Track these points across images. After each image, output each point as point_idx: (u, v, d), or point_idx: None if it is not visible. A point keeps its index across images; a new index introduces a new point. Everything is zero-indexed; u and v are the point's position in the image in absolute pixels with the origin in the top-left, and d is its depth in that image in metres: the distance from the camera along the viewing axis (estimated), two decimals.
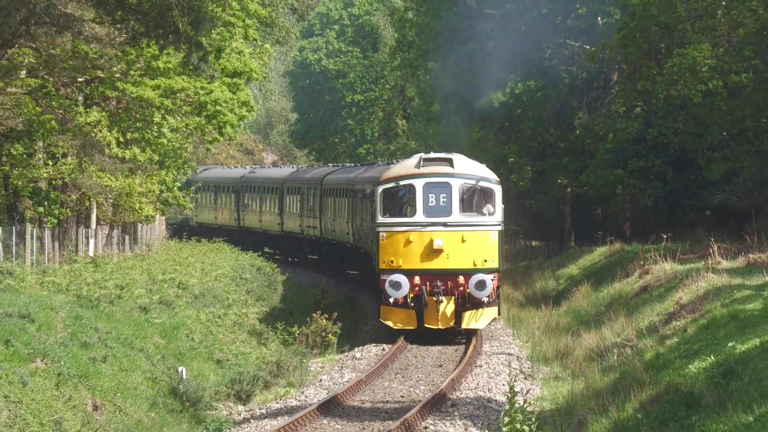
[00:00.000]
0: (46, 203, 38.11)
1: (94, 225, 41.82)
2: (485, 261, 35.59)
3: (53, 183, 38.47)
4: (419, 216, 35.77)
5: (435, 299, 35.35)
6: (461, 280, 35.46)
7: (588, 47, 56.98)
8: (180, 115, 38.55)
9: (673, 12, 45.12)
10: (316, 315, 37.13)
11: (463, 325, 35.85)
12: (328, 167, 61.48)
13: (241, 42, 42.37)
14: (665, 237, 43.90)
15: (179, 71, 36.10)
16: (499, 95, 59.34)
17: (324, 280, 48.11)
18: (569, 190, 62.65)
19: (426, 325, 35.76)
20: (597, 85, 62.55)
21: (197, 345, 31.12)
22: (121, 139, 37.44)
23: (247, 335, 36.18)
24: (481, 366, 32.11)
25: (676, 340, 26.45)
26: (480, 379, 30.04)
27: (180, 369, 27.40)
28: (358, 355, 34.61)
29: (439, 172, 36.16)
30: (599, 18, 60.10)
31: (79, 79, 35.31)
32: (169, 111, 37.06)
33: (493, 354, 34.37)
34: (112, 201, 42.63)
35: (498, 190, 36.23)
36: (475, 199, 36.12)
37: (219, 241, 58.89)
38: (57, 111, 36.11)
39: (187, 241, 57.65)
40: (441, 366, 32.79)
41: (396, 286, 35.13)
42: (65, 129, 35.88)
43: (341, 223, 50.36)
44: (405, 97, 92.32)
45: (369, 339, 38.12)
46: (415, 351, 35.22)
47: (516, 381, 23.12)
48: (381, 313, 36.22)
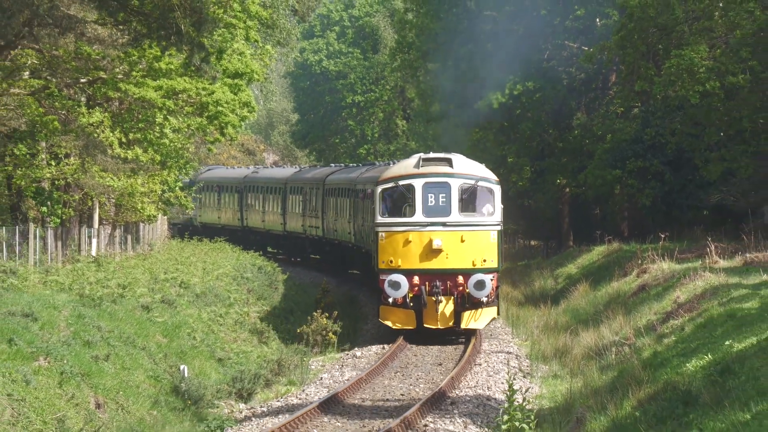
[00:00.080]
0: (49, 203, 38.06)
1: (96, 225, 41.77)
2: (484, 261, 35.35)
3: (56, 183, 38.42)
4: (418, 216, 35.52)
5: (434, 299, 35.10)
6: (460, 280, 35.23)
7: (586, 48, 57.10)
8: (182, 116, 38.39)
9: (671, 13, 45.24)
10: (316, 314, 37.19)
11: (462, 325, 35.63)
12: (330, 167, 61.16)
13: (243, 43, 42.37)
14: (663, 236, 43.91)
15: (181, 72, 36.01)
16: (499, 96, 59.32)
17: (325, 279, 47.99)
18: (568, 190, 62.71)
19: (425, 325, 35.56)
20: (595, 86, 62.50)
21: (199, 344, 31.09)
22: (124, 140, 37.28)
23: (249, 334, 36.07)
24: (481, 364, 32.07)
25: (673, 338, 26.41)
26: (479, 378, 30.04)
27: (182, 367, 27.43)
28: (358, 354, 34.57)
29: (439, 172, 35.92)
30: (597, 19, 60.05)
31: (82, 80, 35.25)
32: (171, 112, 36.91)
33: (493, 352, 34.31)
34: (114, 201, 42.59)
35: (497, 190, 35.96)
36: (475, 199, 35.86)
37: (220, 241, 58.80)
38: (60, 112, 36.09)
39: (189, 241, 57.74)
40: (441, 364, 32.72)
41: (395, 286, 34.89)
42: (68, 129, 35.89)
43: (343, 223, 50.08)
44: (405, 98, 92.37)
45: (369, 338, 38.11)
46: (415, 350, 35.12)
47: (515, 379, 22.97)
48: (380, 313, 35.98)
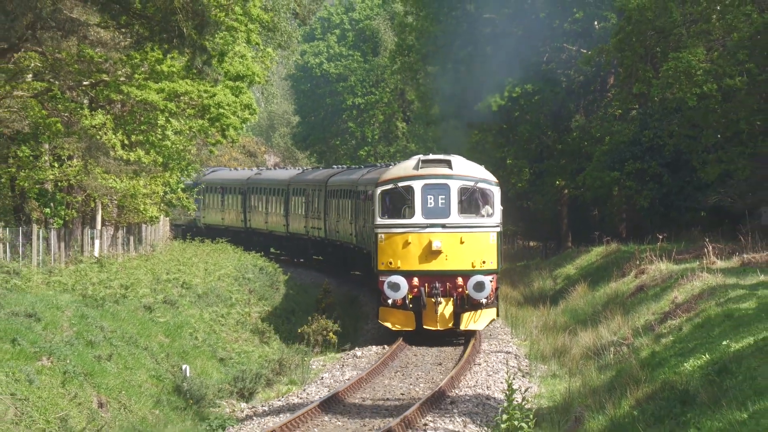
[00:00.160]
0: (52, 204, 38.15)
1: (99, 226, 41.79)
2: (484, 262, 35.16)
3: (59, 185, 38.52)
4: (418, 217, 35.34)
5: (434, 300, 34.92)
6: (460, 281, 35.05)
7: (585, 51, 57.34)
8: (184, 118, 38.28)
9: (669, 16, 45.41)
10: (317, 314, 37.25)
11: (462, 327, 35.41)
12: (332, 169, 61.02)
13: (244, 46, 42.45)
14: (661, 237, 44.04)
15: (183, 75, 35.94)
16: (498, 98, 59.40)
17: (326, 280, 48.07)
18: (566, 191, 62.85)
19: (425, 327, 35.38)
20: (594, 89, 62.58)
21: (201, 343, 31.13)
22: (126, 142, 37.10)
23: (250, 334, 36.06)
24: (480, 364, 32.11)
25: (671, 338, 26.45)
26: (479, 377, 30.09)
27: (184, 367, 27.47)
28: (358, 354, 34.56)
29: (438, 173, 35.75)
30: (596, 22, 60.13)
31: (85, 83, 35.17)
32: (173, 114, 36.81)
33: (492, 352, 34.33)
34: (116, 202, 42.60)
35: (497, 191, 35.79)
36: (474, 201, 35.70)
37: (222, 242, 58.79)
38: (63, 114, 36.08)
39: (191, 242, 57.86)
40: (440, 364, 32.73)
41: (394, 287, 34.71)
42: (71, 132, 35.95)
43: (345, 225, 49.91)
44: (405, 100, 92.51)
45: (370, 338, 38.11)
46: (415, 350, 35.10)
47: (514, 379, 22.86)
48: (380, 315, 35.75)
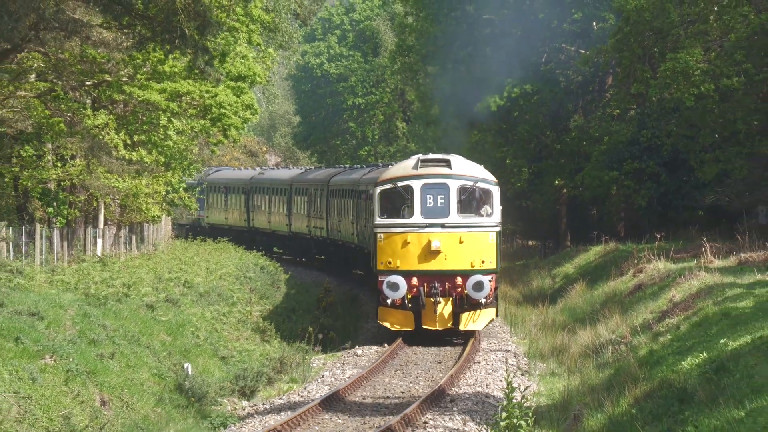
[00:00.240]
0: (55, 204, 38.19)
1: (101, 225, 41.87)
2: (483, 262, 35.05)
3: (62, 184, 38.58)
4: (417, 217, 35.23)
5: (433, 300, 34.79)
6: (459, 281, 34.94)
7: (583, 51, 57.48)
8: (185, 118, 38.32)
9: (667, 17, 45.47)
10: (318, 313, 37.33)
11: (461, 327, 35.26)
12: (334, 168, 61.00)
13: (245, 46, 42.62)
14: (659, 237, 43.99)
15: (185, 75, 36.05)
16: (497, 99, 59.49)
17: (327, 279, 47.97)
18: (565, 191, 62.95)
19: (424, 327, 35.25)
20: (592, 89, 62.65)
21: (202, 342, 31.16)
22: (128, 142, 37.13)
23: (251, 332, 36.10)
24: (479, 362, 32.16)
25: (669, 337, 26.51)
26: (478, 376, 30.14)
27: (186, 365, 27.48)
28: (359, 352, 34.56)
29: (437, 173, 35.64)
30: (594, 23, 60.20)
31: (87, 83, 35.27)
32: (175, 114, 36.85)
33: (491, 351, 34.38)
34: (119, 202, 42.54)
35: (496, 191, 35.70)
36: (473, 200, 35.60)
37: (223, 241, 58.83)
38: (66, 114, 36.14)
39: (193, 241, 58.00)
40: (440, 363, 32.74)
41: (393, 287, 34.58)
42: (74, 131, 36.02)
43: (346, 224, 49.76)
44: (405, 101, 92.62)
45: (370, 336, 38.10)
46: (415, 348, 35.08)
47: (513, 377, 22.95)
48: (379, 315, 35.57)
